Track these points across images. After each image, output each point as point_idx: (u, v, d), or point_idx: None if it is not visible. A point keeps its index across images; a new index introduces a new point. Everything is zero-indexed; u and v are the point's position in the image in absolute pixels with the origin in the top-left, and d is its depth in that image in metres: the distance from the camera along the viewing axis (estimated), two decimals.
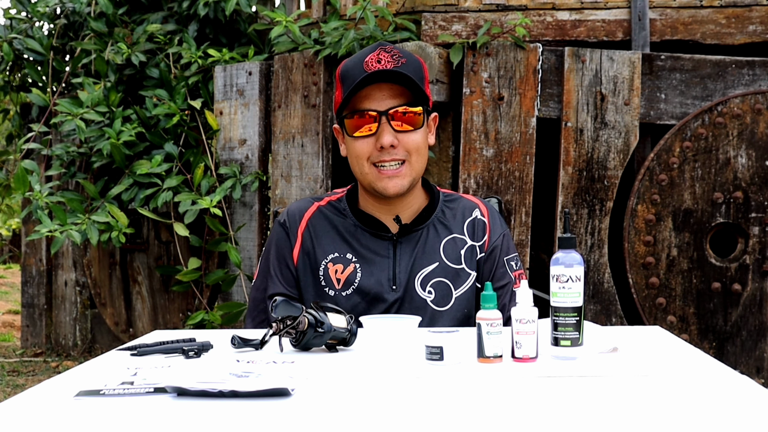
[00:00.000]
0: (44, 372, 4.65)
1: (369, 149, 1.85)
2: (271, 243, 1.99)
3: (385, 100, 1.83)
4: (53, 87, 4.75)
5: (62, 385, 1.27)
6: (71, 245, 4.88)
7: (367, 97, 1.84)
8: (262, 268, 2.00)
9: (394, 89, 1.84)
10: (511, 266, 1.95)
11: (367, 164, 1.87)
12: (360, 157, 1.87)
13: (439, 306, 1.88)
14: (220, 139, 4.14)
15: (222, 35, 4.44)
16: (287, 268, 1.94)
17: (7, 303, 7.49)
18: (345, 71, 1.86)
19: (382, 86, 1.83)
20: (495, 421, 1.04)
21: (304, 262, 1.93)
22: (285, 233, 1.96)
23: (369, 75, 1.80)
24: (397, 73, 1.80)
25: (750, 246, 3.53)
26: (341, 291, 1.88)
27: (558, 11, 3.71)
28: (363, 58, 1.83)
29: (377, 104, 1.83)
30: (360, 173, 1.90)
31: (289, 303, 1.50)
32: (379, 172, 1.85)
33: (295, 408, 1.10)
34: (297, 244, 1.94)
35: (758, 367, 3.55)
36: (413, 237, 1.92)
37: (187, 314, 4.31)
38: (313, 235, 1.94)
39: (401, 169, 1.86)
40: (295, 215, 1.97)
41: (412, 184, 1.89)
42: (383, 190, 1.87)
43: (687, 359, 1.42)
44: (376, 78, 1.81)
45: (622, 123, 3.54)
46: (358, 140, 1.86)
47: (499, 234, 1.96)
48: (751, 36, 3.67)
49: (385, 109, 1.83)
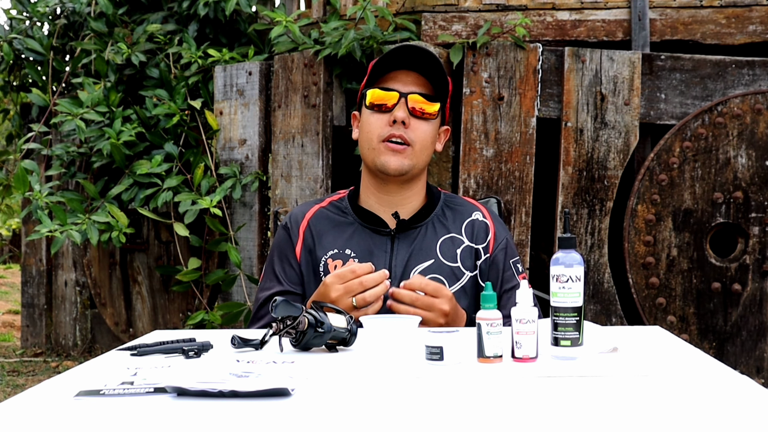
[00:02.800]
0: (44, 372, 4.65)
1: (382, 124, 1.93)
2: (275, 246, 2.04)
3: (409, 84, 1.93)
4: (53, 87, 4.75)
5: (62, 385, 1.27)
6: (71, 245, 4.88)
7: (393, 78, 1.94)
8: (266, 271, 2.03)
9: (419, 79, 1.93)
10: (517, 269, 2.00)
11: (376, 139, 1.93)
12: (372, 131, 1.94)
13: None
14: (220, 139, 4.14)
15: (222, 35, 4.44)
16: (290, 267, 1.98)
17: (7, 303, 7.49)
18: (380, 57, 1.96)
19: (409, 73, 1.93)
20: (495, 421, 1.04)
21: (306, 259, 1.97)
22: (287, 234, 2.01)
23: (403, 48, 1.91)
24: (428, 55, 1.90)
25: (750, 246, 3.53)
26: None
27: (558, 11, 3.71)
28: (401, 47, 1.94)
29: (401, 86, 1.93)
30: (368, 148, 1.96)
31: (289, 303, 1.50)
32: (385, 147, 1.92)
33: (295, 408, 1.10)
34: (299, 242, 1.98)
35: (758, 367, 3.55)
36: (411, 234, 1.95)
37: (187, 314, 4.31)
38: (313, 233, 1.98)
39: (406, 149, 1.92)
40: (297, 217, 2.02)
41: (411, 170, 1.94)
42: (385, 164, 1.92)
43: (687, 359, 1.42)
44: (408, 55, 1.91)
45: (622, 123, 3.54)
46: (374, 114, 1.94)
47: (503, 237, 2.00)
48: (751, 36, 3.67)
49: (407, 91, 1.92)
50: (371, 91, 1.94)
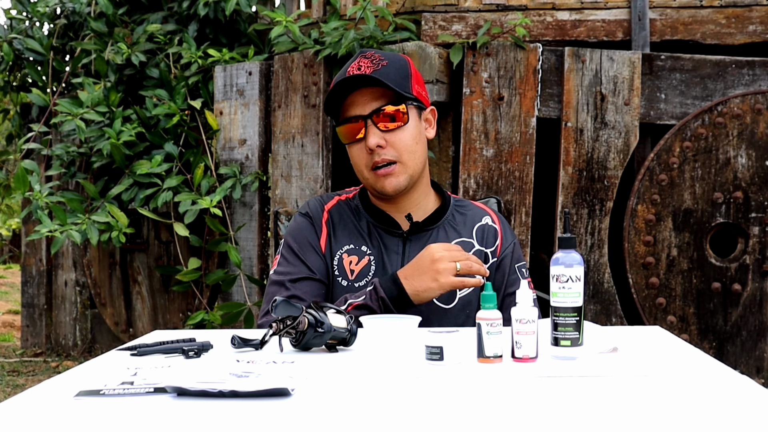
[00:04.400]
0: (44, 372, 4.65)
1: (362, 155, 1.90)
2: (295, 233, 1.97)
3: (368, 103, 1.88)
4: (53, 87, 4.75)
5: (62, 385, 1.27)
6: (71, 245, 4.88)
7: (352, 104, 1.89)
8: (283, 257, 1.96)
9: (375, 92, 1.88)
10: (522, 273, 1.99)
11: (365, 170, 1.91)
12: (358, 164, 1.92)
13: (444, 304, 1.90)
14: (220, 139, 4.14)
15: (222, 35, 4.44)
16: (316, 254, 1.94)
17: (7, 303, 7.49)
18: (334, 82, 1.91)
19: (364, 91, 1.88)
20: (495, 421, 1.04)
21: (328, 252, 1.95)
22: (310, 222, 1.97)
23: (345, 79, 1.86)
24: (369, 77, 1.85)
25: (750, 246, 3.53)
26: (354, 282, 1.90)
27: (558, 11, 3.71)
28: (347, 68, 1.89)
29: (361, 109, 1.88)
30: (362, 179, 1.95)
31: (289, 303, 1.50)
32: (376, 174, 1.89)
33: (295, 408, 1.10)
34: (323, 233, 1.96)
35: (758, 367, 3.55)
36: (423, 236, 1.95)
37: (187, 314, 4.31)
38: (332, 225, 1.97)
39: (394, 168, 1.89)
40: (317, 207, 1.99)
41: (410, 181, 1.92)
42: (382, 190, 1.91)
43: (687, 359, 1.42)
44: (352, 82, 1.86)
45: (622, 123, 3.54)
46: (352, 148, 1.92)
47: (510, 242, 2.00)
48: (751, 36, 3.67)
49: (368, 112, 1.88)
50: (339, 129, 1.92)
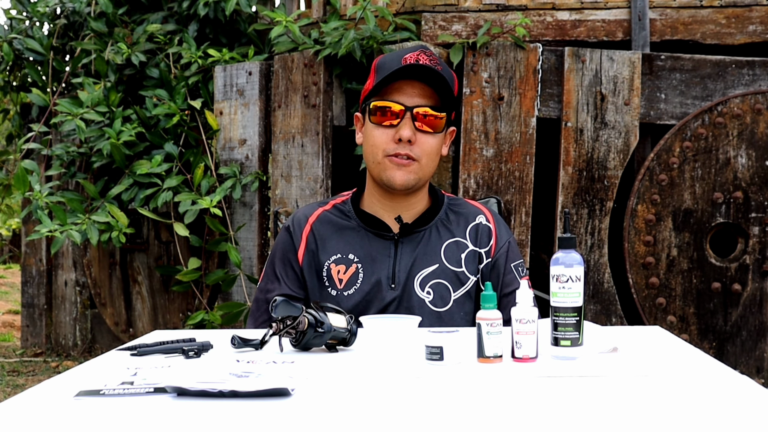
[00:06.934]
0: (44, 372, 4.65)
1: (387, 140, 1.88)
2: (276, 248, 2.01)
3: (415, 97, 1.87)
4: (53, 87, 4.75)
5: (62, 385, 1.27)
6: (71, 245, 4.88)
7: (398, 90, 1.87)
8: (266, 272, 2.01)
9: (425, 90, 1.87)
10: (519, 272, 1.97)
11: (381, 154, 1.89)
12: (376, 146, 1.90)
13: (437, 307, 1.89)
14: (220, 139, 4.14)
15: (222, 35, 4.44)
16: (292, 269, 1.96)
17: (7, 303, 7.49)
18: (382, 62, 1.90)
19: (415, 84, 1.87)
20: (495, 421, 1.04)
21: (309, 263, 1.95)
22: (289, 237, 1.99)
23: (406, 66, 1.84)
24: (433, 71, 1.84)
25: (750, 246, 3.53)
26: (343, 291, 1.90)
27: (558, 11, 3.71)
28: (403, 54, 1.87)
29: (406, 99, 1.87)
30: (372, 161, 1.92)
31: (289, 303, 1.50)
32: (390, 161, 1.88)
33: (295, 408, 1.10)
34: (302, 246, 1.96)
35: (758, 367, 3.55)
36: (415, 238, 1.93)
37: (187, 314, 4.31)
38: (317, 237, 1.96)
39: (412, 163, 1.88)
40: (300, 220, 2.00)
41: (417, 184, 1.91)
42: (391, 179, 1.89)
43: (687, 359, 1.42)
44: (412, 70, 1.85)
45: (622, 123, 3.54)
46: (378, 128, 1.89)
47: (505, 241, 1.97)
48: (751, 36, 3.67)
49: (412, 105, 1.86)
50: (375, 103, 1.88)
